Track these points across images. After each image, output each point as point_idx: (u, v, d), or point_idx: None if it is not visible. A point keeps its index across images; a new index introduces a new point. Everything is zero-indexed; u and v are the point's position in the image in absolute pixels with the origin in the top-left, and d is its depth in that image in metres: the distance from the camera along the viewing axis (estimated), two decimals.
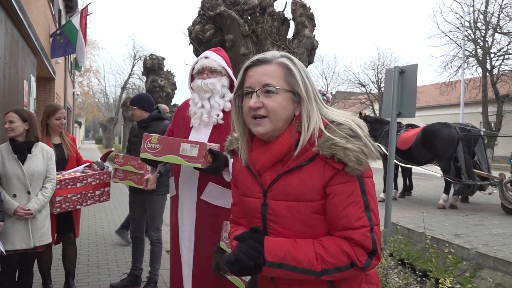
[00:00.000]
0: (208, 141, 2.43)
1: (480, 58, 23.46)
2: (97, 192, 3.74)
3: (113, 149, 4.20)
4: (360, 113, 10.25)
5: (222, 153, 2.35)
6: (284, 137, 1.34)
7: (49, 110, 3.77)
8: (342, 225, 1.26)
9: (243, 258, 1.23)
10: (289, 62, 1.34)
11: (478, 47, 23.62)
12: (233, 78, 2.65)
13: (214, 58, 2.59)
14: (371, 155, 1.26)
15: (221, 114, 2.54)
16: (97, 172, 3.76)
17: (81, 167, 3.80)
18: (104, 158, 4.10)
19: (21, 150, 3.21)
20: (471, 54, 23.83)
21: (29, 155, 3.24)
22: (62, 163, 3.77)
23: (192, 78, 2.68)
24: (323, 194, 1.28)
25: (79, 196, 3.60)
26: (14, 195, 3.15)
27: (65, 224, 3.76)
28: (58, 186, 3.43)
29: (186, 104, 2.71)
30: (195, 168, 2.33)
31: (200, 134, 2.53)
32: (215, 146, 2.38)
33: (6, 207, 3.08)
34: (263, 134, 1.34)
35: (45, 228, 3.32)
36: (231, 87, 2.64)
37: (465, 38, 23.02)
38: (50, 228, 3.37)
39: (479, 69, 23.85)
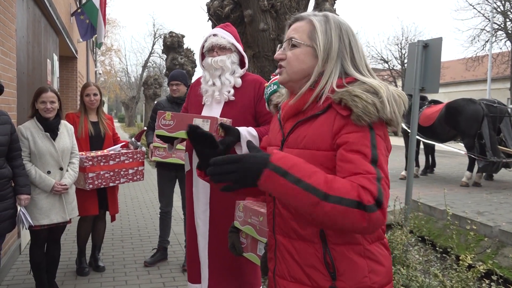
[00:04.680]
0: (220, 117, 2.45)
1: (510, 31, 22.53)
2: (130, 171, 3.79)
3: (145, 128, 4.28)
4: None
5: (234, 127, 2.38)
6: (304, 92, 1.38)
7: (83, 87, 3.95)
8: (348, 171, 1.18)
9: (248, 161, 1.15)
10: (318, 20, 1.37)
11: (507, 19, 22.66)
12: (243, 53, 2.66)
13: (222, 35, 2.58)
14: (383, 112, 1.20)
15: (232, 91, 2.56)
16: (130, 150, 3.82)
17: (117, 146, 3.88)
18: (138, 137, 4.17)
19: (53, 128, 3.30)
20: (500, 27, 22.88)
21: (58, 132, 3.33)
22: (98, 141, 3.88)
23: (202, 56, 2.68)
24: (330, 144, 1.25)
25: (111, 173, 3.66)
26: (49, 172, 3.24)
27: (100, 200, 3.88)
28: (90, 163, 3.52)
29: (198, 81, 2.73)
30: None
31: (212, 111, 2.56)
32: (226, 120, 2.40)
33: (44, 184, 3.19)
34: (281, 83, 1.44)
35: (75, 202, 3.45)
36: (241, 63, 2.65)
37: (494, 11, 22.07)
38: (76, 201, 3.49)
39: (508, 43, 22.92)
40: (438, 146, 9.46)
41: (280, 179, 1.13)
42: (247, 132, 2.42)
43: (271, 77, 2.37)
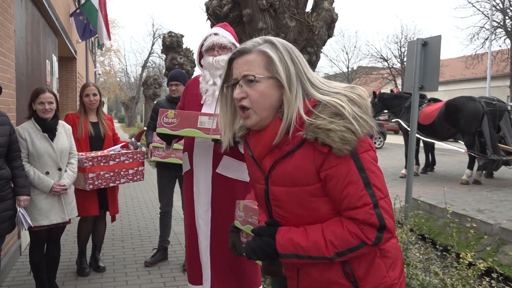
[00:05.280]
0: None
1: (509, 29, 22.50)
2: (131, 171, 3.79)
3: (145, 128, 4.29)
4: (374, 93, 10.07)
5: None
6: (272, 124, 1.33)
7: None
8: (345, 206, 1.25)
9: (259, 253, 1.37)
10: (269, 49, 1.32)
11: (507, 17, 22.63)
12: None
13: (223, 34, 2.57)
14: (358, 132, 1.21)
15: None
16: (130, 151, 3.82)
17: (117, 147, 3.87)
18: (138, 137, 4.17)
19: (51, 129, 3.29)
20: (499, 25, 22.85)
21: (56, 133, 3.32)
22: (98, 141, 3.88)
23: (200, 55, 2.66)
24: (317, 178, 1.27)
25: (111, 174, 3.66)
26: (47, 173, 3.23)
27: (100, 200, 3.88)
28: (90, 163, 3.51)
29: (195, 80, 2.70)
30: (213, 140, 2.34)
31: (212, 110, 2.54)
32: None
33: (43, 185, 3.18)
34: (252, 126, 1.37)
35: (74, 202, 3.45)
36: None
37: (493, 8, 22.06)
38: (75, 202, 3.48)
39: (508, 41, 22.90)
40: (438, 144, 9.46)
41: (294, 260, 1.34)
42: None
43: None
